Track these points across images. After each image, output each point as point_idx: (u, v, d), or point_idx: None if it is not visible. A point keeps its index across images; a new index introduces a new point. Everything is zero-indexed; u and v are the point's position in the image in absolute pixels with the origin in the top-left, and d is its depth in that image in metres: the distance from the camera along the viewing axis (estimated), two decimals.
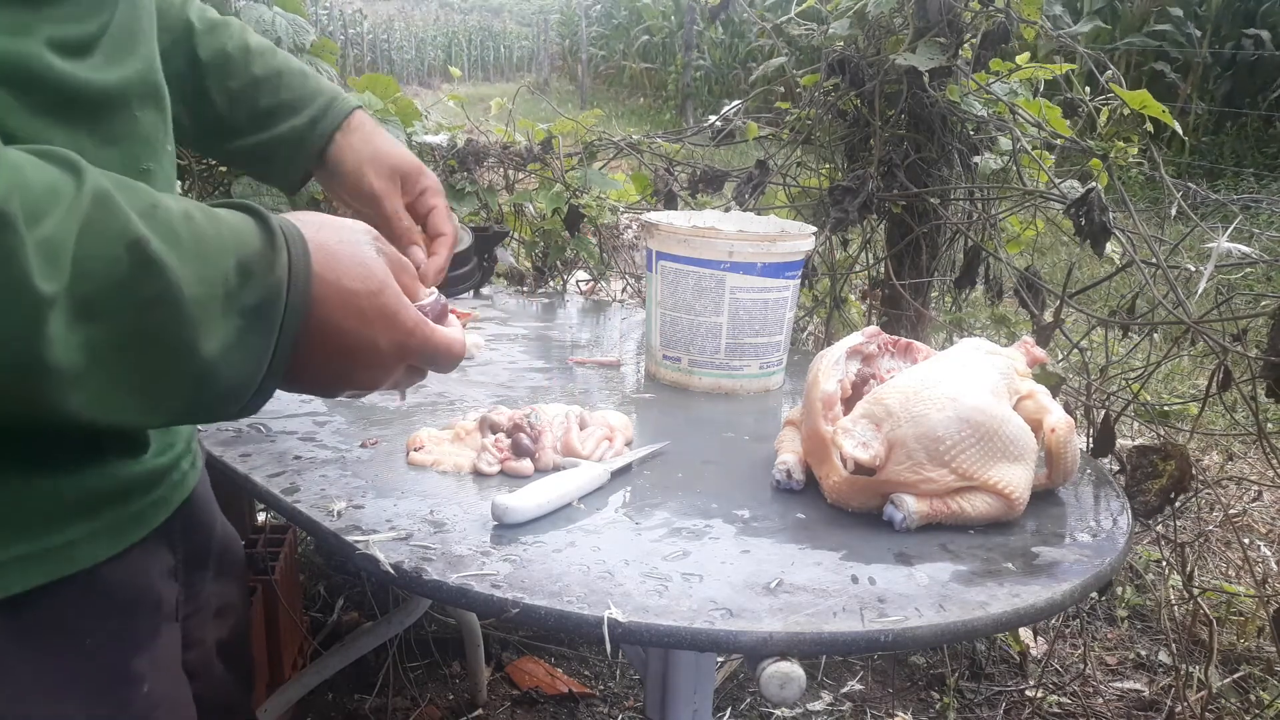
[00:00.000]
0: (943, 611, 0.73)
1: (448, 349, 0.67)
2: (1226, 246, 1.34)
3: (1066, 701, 1.86)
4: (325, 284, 0.58)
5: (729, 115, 2.05)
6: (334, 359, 0.60)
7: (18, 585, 0.54)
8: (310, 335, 0.58)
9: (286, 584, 1.63)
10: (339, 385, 0.64)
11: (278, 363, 0.56)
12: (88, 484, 0.57)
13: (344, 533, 0.81)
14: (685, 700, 0.97)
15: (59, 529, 0.56)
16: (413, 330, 0.63)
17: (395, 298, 0.62)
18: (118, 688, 0.60)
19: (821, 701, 1.86)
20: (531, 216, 2.07)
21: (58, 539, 0.55)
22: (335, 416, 1.09)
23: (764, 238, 1.19)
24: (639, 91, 13.54)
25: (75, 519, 0.57)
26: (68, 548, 0.56)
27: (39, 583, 0.55)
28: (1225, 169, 6.49)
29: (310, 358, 0.59)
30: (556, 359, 1.38)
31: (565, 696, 1.84)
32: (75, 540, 0.56)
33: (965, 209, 1.82)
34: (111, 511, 0.59)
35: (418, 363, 0.67)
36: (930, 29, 1.63)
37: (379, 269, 0.61)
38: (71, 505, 0.56)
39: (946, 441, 0.85)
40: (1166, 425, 1.56)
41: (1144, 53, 7.68)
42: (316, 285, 0.57)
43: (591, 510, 0.88)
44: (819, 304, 1.99)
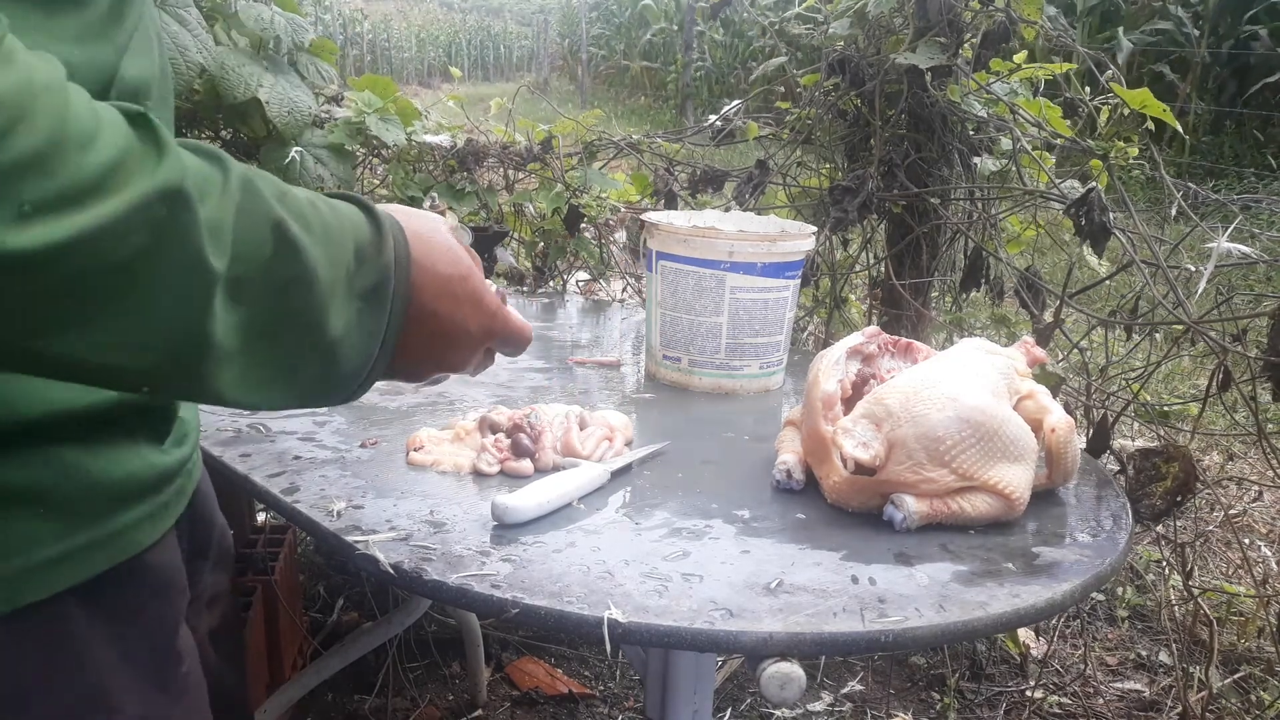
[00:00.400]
0: (943, 611, 0.73)
1: (521, 331, 0.72)
2: (1226, 246, 1.34)
3: (1067, 702, 1.86)
4: (423, 269, 0.62)
5: (729, 115, 2.05)
6: (430, 340, 0.64)
7: (94, 568, 0.56)
8: (410, 317, 0.61)
9: (286, 584, 1.63)
10: (431, 366, 0.67)
11: (388, 344, 0.60)
12: (132, 471, 0.59)
13: (344, 533, 0.81)
14: (685, 700, 0.97)
15: (115, 516, 0.58)
16: (495, 313, 0.69)
17: (480, 282, 0.67)
18: (165, 666, 0.62)
19: (821, 702, 1.86)
20: (531, 216, 2.07)
21: (115, 525, 0.58)
22: (335, 416, 1.09)
23: (764, 238, 1.19)
24: (639, 91, 13.54)
25: (125, 506, 0.59)
26: (123, 533, 0.58)
27: (105, 568, 0.57)
28: (1225, 169, 6.49)
29: (410, 339, 0.62)
30: (556, 359, 1.38)
31: (565, 697, 1.84)
32: (128, 527, 0.59)
33: (965, 209, 1.82)
34: (152, 499, 0.61)
35: (495, 344, 0.71)
36: (930, 29, 1.63)
37: (465, 256, 0.66)
38: (122, 493, 0.58)
39: (947, 441, 0.85)
40: (1167, 426, 1.56)
41: (1144, 53, 7.68)
42: (415, 270, 0.61)
43: (591, 510, 0.88)
44: (819, 304, 1.99)
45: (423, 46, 19.40)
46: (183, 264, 0.45)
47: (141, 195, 0.43)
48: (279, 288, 0.51)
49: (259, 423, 1.05)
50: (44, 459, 0.54)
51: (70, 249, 0.41)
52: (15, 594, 0.52)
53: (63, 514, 0.54)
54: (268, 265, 0.50)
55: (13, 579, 0.52)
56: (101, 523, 0.57)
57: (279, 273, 0.51)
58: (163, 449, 0.64)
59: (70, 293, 0.42)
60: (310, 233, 0.53)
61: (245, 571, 1.55)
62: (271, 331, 0.51)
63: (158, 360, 0.47)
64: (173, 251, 0.45)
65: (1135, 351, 1.86)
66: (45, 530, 0.53)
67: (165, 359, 0.47)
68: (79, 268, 0.42)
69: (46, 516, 0.54)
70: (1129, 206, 1.53)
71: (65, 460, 0.55)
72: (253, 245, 0.49)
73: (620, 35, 14.56)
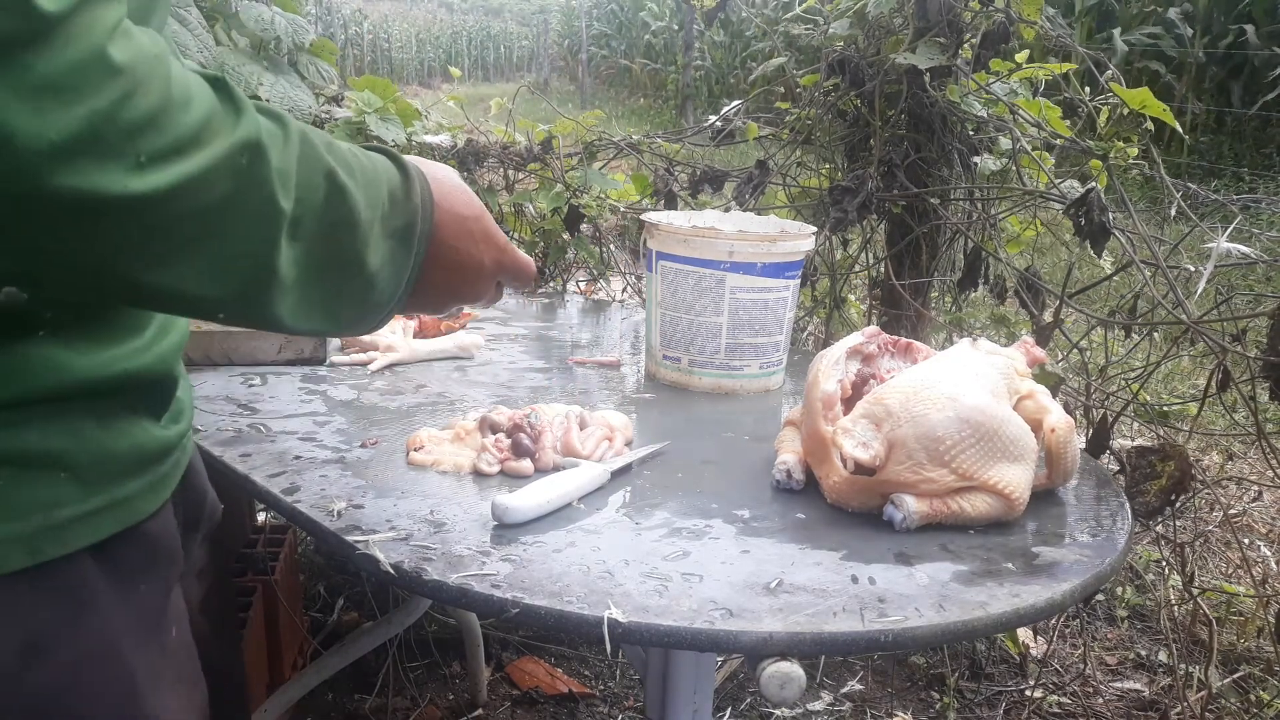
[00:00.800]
0: (943, 611, 0.73)
1: (526, 265, 0.80)
2: (1226, 246, 1.34)
3: (1066, 701, 1.86)
4: (444, 211, 0.70)
5: (729, 115, 2.05)
6: (450, 274, 0.72)
7: (104, 531, 0.59)
8: (433, 254, 0.69)
9: (286, 584, 1.63)
10: (450, 300, 0.75)
11: (413, 277, 0.68)
12: (137, 443, 0.62)
13: (344, 533, 0.81)
14: (685, 700, 0.97)
15: (123, 483, 0.61)
16: (505, 248, 0.77)
17: (491, 222, 0.75)
18: (157, 632, 0.65)
19: (821, 701, 1.86)
20: (531, 216, 2.07)
21: (123, 492, 0.61)
22: (335, 416, 1.09)
23: (764, 238, 1.19)
24: (639, 91, 13.54)
25: (131, 475, 0.62)
26: (129, 500, 0.62)
27: (114, 530, 0.60)
28: (1225, 169, 6.49)
29: (433, 275, 0.70)
30: (556, 359, 1.38)
31: (565, 696, 1.84)
32: (132, 495, 0.62)
33: (965, 209, 1.82)
34: (153, 470, 0.64)
35: (505, 278, 0.79)
36: (930, 29, 1.63)
37: (476, 199, 0.74)
38: (129, 463, 0.62)
39: (946, 441, 0.85)
40: (1166, 425, 1.56)
41: (1144, 53, 7.67)
42: (438, 212, 0.69)
43: (591, 510, 0.88)
44: (819, 304, 1.99)
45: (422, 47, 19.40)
46: (259, 205, 0.53)
47: (227, 147, 0.51)
48: (330, 226, 0.59)
49: (259, 423, 1.06)
50: (62, 427, 0.57)
51: (175, 193, 0.49)
52: (38, 549, 0.56)
53: (78, 479, 0.58)
54: (322, 207, 0.58)
55: (36, 535, 0.56)
56: (111, 489, 0.60)
57: (330, 214, 0.59)
58: (160, 424, 0.66)
59: (172, 230, 0.50)
60: (354, 179, 0.60)
61: (245, 571, 1.55)
62: (322, 265, 0.59)
63: (235, 289, 0.55)
64: (251, 194, 0.53)
65: (1135, 351, 1.86)
66: (64, 492, 0.57)
67: (241, 288, 0.55)
68: (180, 209, 0.49)
69: (65, 480, 0.57)
70: (1128, 206, 1.53)
71: (81, 429, 0.58)
72: (310, 189, 0.57)
73: (621, 35, 14.55)
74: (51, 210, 0.46)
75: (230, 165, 0.51)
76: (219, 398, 1.13)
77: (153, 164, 0.48)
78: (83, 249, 0.49)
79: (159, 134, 0.48)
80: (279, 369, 1.25)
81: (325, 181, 0.58)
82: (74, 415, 0.58)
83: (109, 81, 0.46)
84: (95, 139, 0.46)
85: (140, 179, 0.47)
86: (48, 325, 0.55)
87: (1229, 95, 7.33)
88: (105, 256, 0.49)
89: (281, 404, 1.12)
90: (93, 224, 0.48)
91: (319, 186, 0.58)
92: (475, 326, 1.48)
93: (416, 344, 1.33)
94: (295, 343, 1.26)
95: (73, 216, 0.47)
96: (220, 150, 0.51)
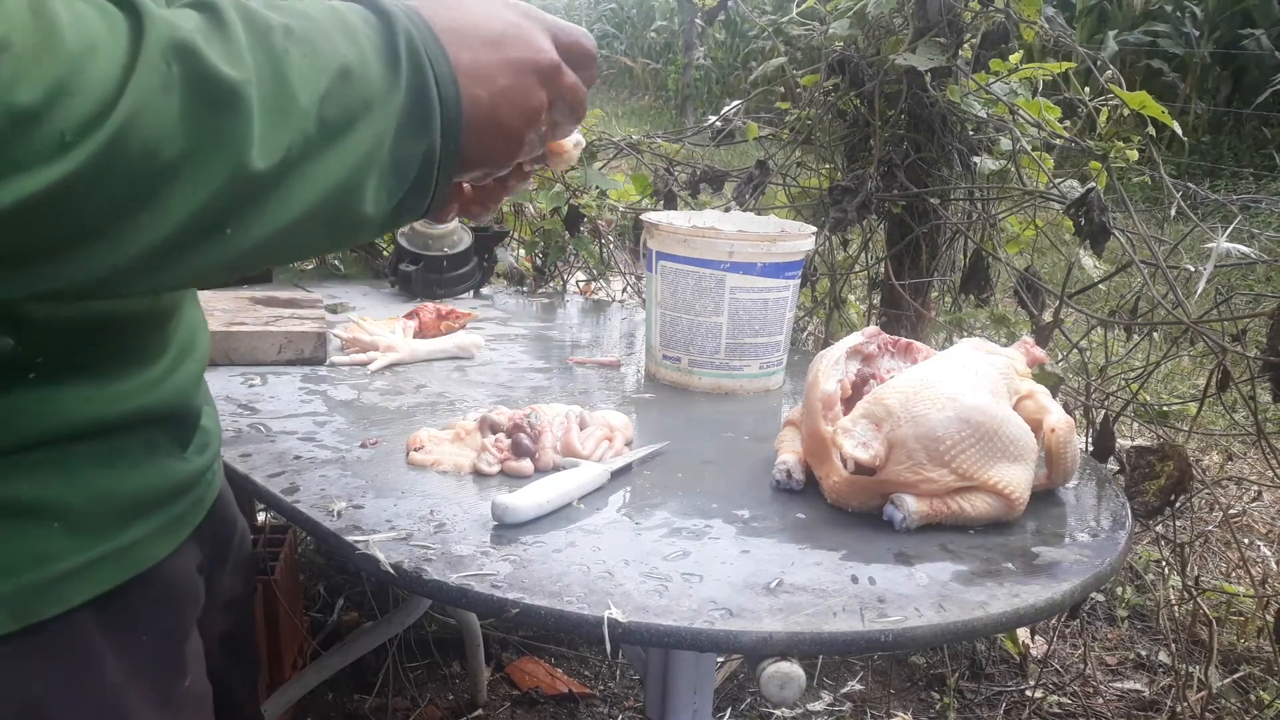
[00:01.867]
0: (943, 611, 0.73)
1: (582, 35, 0.63)
2: (1226, 246, 1.34)
3: (1066, 701, 1.86)
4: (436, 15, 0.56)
5: (729, 115, 2.05)
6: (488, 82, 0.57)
7: (105, 584, 0.55)
8: (455, 58, 0.56)
9: (286, 584, 1.63)
10: (507, 115, 0.58)
11: (443, 96, 0.54)
12: (148, 483, 0.58)
13: (344, 533, 0.81)
14: (685, 700, 0.97)
15: (128, 529, 0.57)
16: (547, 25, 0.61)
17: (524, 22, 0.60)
18: (168, 680, 0.61)
19: (821, 702, 1.86)
20: (531, 216, 2.07)
21: (128, 538, 0.57)
22: (335, 416, 1.09)
23: (764, 238, 1.19)
24: (640, 91, 13.53)
25: (140, 518, 0.58)
26: (137, 546, 0.57)
27: (119, 581, 0.56)
28: (1225, 169, 6.49)
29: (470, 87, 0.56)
30: (556, 359, 1.38)
31: (565, 696, 1.84)
32: (141, 539, 0.58)
33: (965, 209, 1.82)
34: (167, 510, 0.60)
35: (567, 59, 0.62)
36: (930, 29, 1.63)
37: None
38: (137, 505, 0.57)
39: (946, 441, 0.85)
40: (1166, 425, 1.56)
41: (1146, 52, 7.67)
42: (431, 20, 0.56)
43: (591, 510, 0.88)
44: (819, 304, 1.99)
45: None
46: (211, 101, 0.45)
47: (149, 69, 0.43)
48: (311, 87, 0.49)
49: (259, 423, 1.06)
50: (58, 473, 0.53)
51: (115, 145, 0.41)
52: (27, 610, 0.51)
53: (76, 528, 0.53)
54: (293, 71, 0.48)
55: (25, 594, 0.51)
56: (114, 536, 0.56)
57: (306, 72, 0.49)
58: (184, 458, 0.63)
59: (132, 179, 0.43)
60: (316, 25, 0.50)
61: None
62: (326, 135, 0.49)
63: (217, 205, 0.46)
64: (197, 96, 0.44)
65: (1135, 351, 1.86)
66: (58, 545, 0.53)
67: (224, 201, 0.46)
68: (128, 152, 0.42)
69: (60, 531, 0.53)
70: (1128, 206, 1.53)
71: (79, 474, 0.54)
72: (271, 58, 0.47)
73: (623, 32, 14.55)
74: None
75: (161, 82, 0.43)
76: (219, 398, 1.13)
77: (82, 133, 0.40)
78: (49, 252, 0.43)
79: (74, 100, 0.40)
80: (279, 369, 1.25)
81: (285, 41, 0.48)
82: (73, 460, 0.53)
83: None
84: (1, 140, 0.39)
85: (75, 154, 0.40)
86: (38, 368, 0.51)
87: (1230, 95, 7.33)
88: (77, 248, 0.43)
89: (281, 404, 1.12)
90: (38, 225, 0.41)
91: (284, 50, 0.48)
92: (475, 326, 1.48)
93: (416, 344, 1.33)
94: (295, 342, 1.26)
95: (16, 232, 0.41)
96: (143, 75, 0.42)
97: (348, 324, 1.38)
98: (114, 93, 0.41)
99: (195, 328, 0.66)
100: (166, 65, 0.43)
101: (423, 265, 1.64)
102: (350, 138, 0.50)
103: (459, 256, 1.67)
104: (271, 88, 0.47)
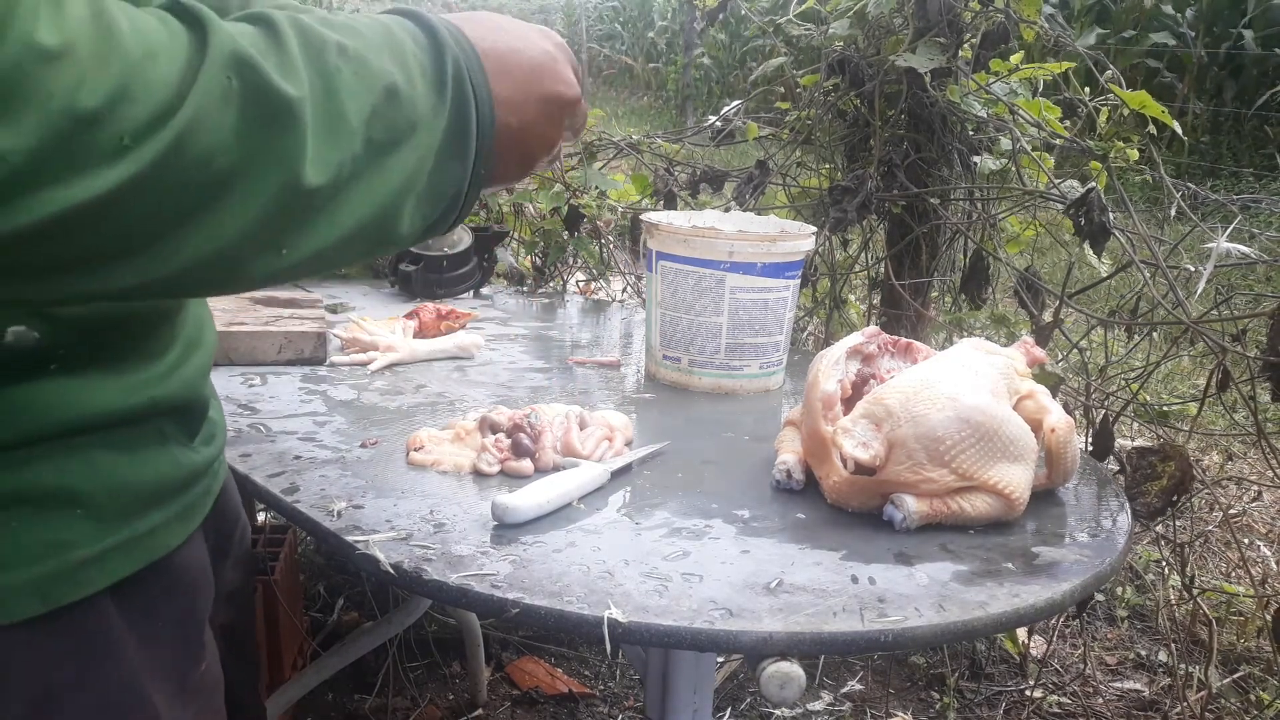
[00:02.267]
0: (943, 611, 0.73)
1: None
2: (1226, 246, 1.34)
3: (1066, 701, 1.86)
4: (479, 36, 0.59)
5: (729, 115, 2.05)
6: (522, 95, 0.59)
7: (123, 570, 0.56)
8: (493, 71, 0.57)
9: (286, 584, 1.63)
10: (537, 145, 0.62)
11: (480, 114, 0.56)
12: (161, 473, 0.59)
13: (344, 533, 0.81)
14: (685, 700, 0.97)
15: (144, 517, 0.58)
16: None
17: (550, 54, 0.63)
18: (184, 667, 0.62)
19: (821, 701, 1.86)
20: (531, 216, 2.07)
21: (144, 526, 0.58)
22: (335, 416, 1.09)
23: (764, 238, 1.19)
24: (640, 91, 13.53)
25: (154, 507, 0.59)
26: (152, 535, 0.58)
27: (135, 568, 0.57)
28: (1224, 169, 6.49)
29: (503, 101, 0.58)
30: (556, 359, 1.38)
31: (565, 696, 1.84)
32: (156, 528, 0.59)
33: (965, 209, 1.82)
34: (179, 499, 0.61)
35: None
36: (930, 29, 1.63)
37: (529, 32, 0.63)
38: (152, 494, 0.59)
39: (946, 441, 0.85)
40: (1166, 425, 1.56)
41: (1145, 52, 7.67)
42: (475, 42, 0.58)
43: (591, 510, 0.88)
44: (819, 304, 1.99)
45: None
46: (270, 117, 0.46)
47: (209, 80, 0.44)
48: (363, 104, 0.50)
49: (259, 423, 1.06)
50: (79, 461, 0.54)
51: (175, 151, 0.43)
52: (51, 594, 0.52)
53: (95, 515, 0.55)
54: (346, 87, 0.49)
55: (50, 579, 0.52)
56: (132, 523, 0.57)
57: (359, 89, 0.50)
58: (192, 448, 0.64)
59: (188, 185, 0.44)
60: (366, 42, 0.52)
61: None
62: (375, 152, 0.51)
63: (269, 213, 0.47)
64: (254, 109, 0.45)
65: (1135, 351, 1.86)
66: (80, 532, 0.54)
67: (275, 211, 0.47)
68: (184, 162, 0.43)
69: (81, 518, 0.54)
70: (1128, 206, 1.53)
71: (99, 462, 0.55)
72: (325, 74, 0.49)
73: (625, 29, 14.55)
74: (36, 238, 0.41)
75: (221, 94, 0.44)
76: (219, 397, 1.12)
77: (141, 137, 0.42)
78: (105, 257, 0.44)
79: (135, 104, 0.41)
80: (279, 369, 1.25)
81: (339, 59, 0.50)
82: (92, 449, 0.55)
83: (51, 73, 0.39)
84: (61, 144, 0.40)
85: (134, 158, 0.41)
86: (60, 359, 0.52)
87: (1233, 95, 7.33)
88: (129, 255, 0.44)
89: (281, 404, 1.12)
90: (95, 229, 0.42)
91: (336, 68, 0.49)
92: (475, 326, 1.48)
93: (416, 344, 1.33)
94: (295, 342, 1.26)
95: (65, 233, 0.42)
96: (204, 85, 0.44)
97: (348, 324, 1.38)
98: (174, 99, 0.43)
99: (202, 322, 0.67)
100: (227, 78, 0.45)
101: (423, 265, 1.64)
102: (395, 158, 0.52)
103: (459, 256, 1.67)
104: (324, 105, 0.48)
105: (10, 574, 0.51)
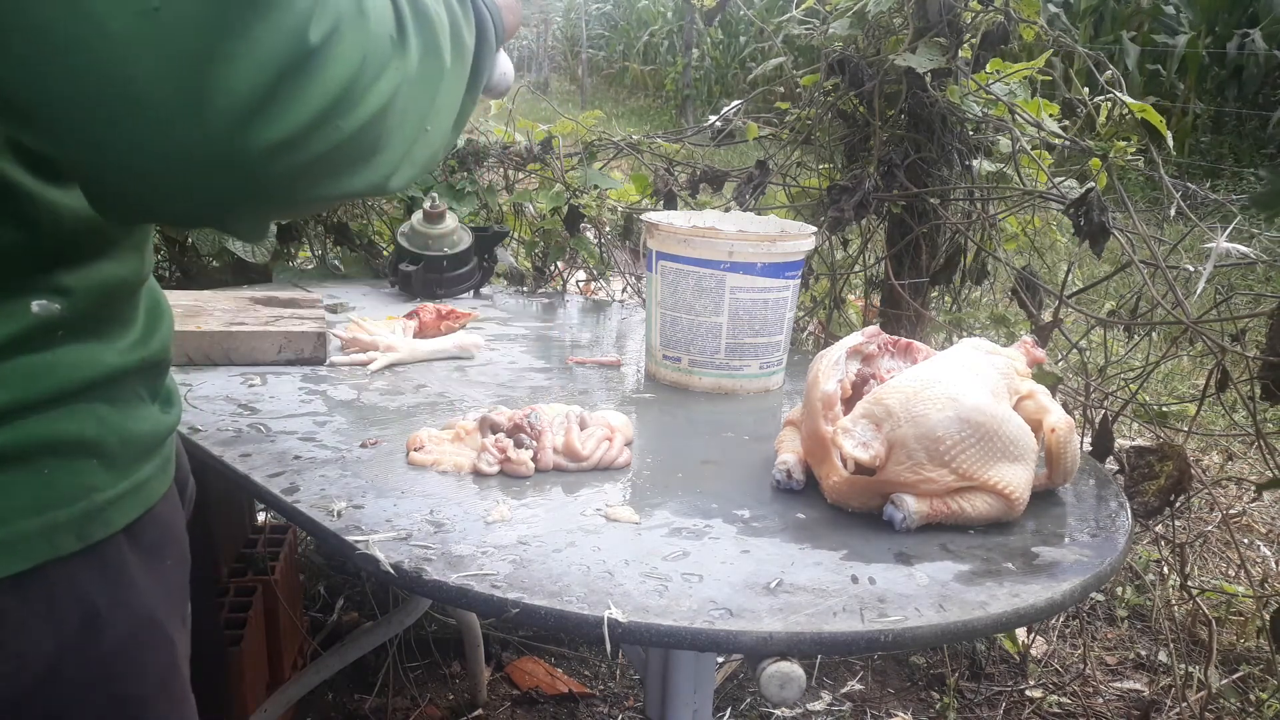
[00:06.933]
0: (943, 611, 0.73)
1: None
2: (1225, 246, 1.34)
3: (1066, 701, 1.86)
4: None
5: (729, 115, 2.05)
6: None
7: (132, 513, 0.63)
8: None
9: (286, 584, 1.63)
10: None
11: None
12: (148, 427, 0.65)
13: (344, 533, 0.81)
14: (685, 700, 0.97)
15: (141, 466, 0.64)
16: None
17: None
18: (180, 604, 0.69)
19: (821, 701, 1.86)
20: (531, 216, 2.07)
21: (142, 475, 0.64)
22: (335, 416, 1.09)
23: (764, 238, 1.20)
24: (639, 91, 13.53)
25: (146, 459, 0.65)
26: (148, 483, 0.65)
27: (139, 513, 0.64)
28: (1225, 169, 6.49)
29: None
30: (556, 359, 1.39)
31: (565, 696, 1.84)
32: (149, 477, 0.65)
33: (965, 209, 1.82)
34: (160, 453, 0.67)
35: None
36: (930, 29, 1.63)
37: None
38: (145, 446, 0.65)
39: (946, 441, 0.85)
40: (1165, 425, 1.56)
41: (1145, 52, 7.67)
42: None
43: (592, 510, 0.88)
44: (819, 304, 1.99)
45: None
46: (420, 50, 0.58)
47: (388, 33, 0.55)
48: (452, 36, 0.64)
49: (259, 423, 1.06)
50: (90, 416, 0.61)
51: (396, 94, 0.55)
52: (86, 533, 0.59)
53: (108, 464, 0.61)
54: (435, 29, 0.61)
55: (82, 519, 0.59)
56: (134, 472, 0.64)
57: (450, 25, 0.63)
58: (165, 409, 0.69)
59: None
60: None
61: (245, 571, 1.55)
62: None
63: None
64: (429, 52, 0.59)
65: (1134, 351, 1.86)
66: (99, 478, 0.61)
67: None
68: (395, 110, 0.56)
69: (98, 466, 0.61)
70: (1128, 206, 1.53)
71: (105, 418, 0.62)
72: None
73: (620, 36, 14.55)
74: (368, 126, 0.52)
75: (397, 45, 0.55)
76: (219, 398, 1.13)
77: (399, 53, 0.54)
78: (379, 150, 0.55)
79: (392, 35, 0.54)
80: (279, 369, 1.25)
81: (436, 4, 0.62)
82: (101, 404, 0.61)
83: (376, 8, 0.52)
84: (377, 54, 0.52)
85: (397, 68, 0.54)
86: (68, 327, 0.59)
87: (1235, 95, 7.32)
88: (389, 149, 0.56)
89: (281, 404, 1.12)
90: (383, 123, 0.54)
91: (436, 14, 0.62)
92: (475, 326, 1.48)
93: (416, 344, 1.33)
94: (295, 342, 1.26)
95: (376, 123, 0.53)
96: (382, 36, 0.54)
97: (348, 324, 1.38)
98: (399, 45, 0.56)
99: (156, 294, 0.74)
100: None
101: (423, 265, 1.64)
102: (465, 55, 0.67)
103: (459, 256, 1.67)
104: (450, 37, 0.64)
105: (53, 513, 0.58)
